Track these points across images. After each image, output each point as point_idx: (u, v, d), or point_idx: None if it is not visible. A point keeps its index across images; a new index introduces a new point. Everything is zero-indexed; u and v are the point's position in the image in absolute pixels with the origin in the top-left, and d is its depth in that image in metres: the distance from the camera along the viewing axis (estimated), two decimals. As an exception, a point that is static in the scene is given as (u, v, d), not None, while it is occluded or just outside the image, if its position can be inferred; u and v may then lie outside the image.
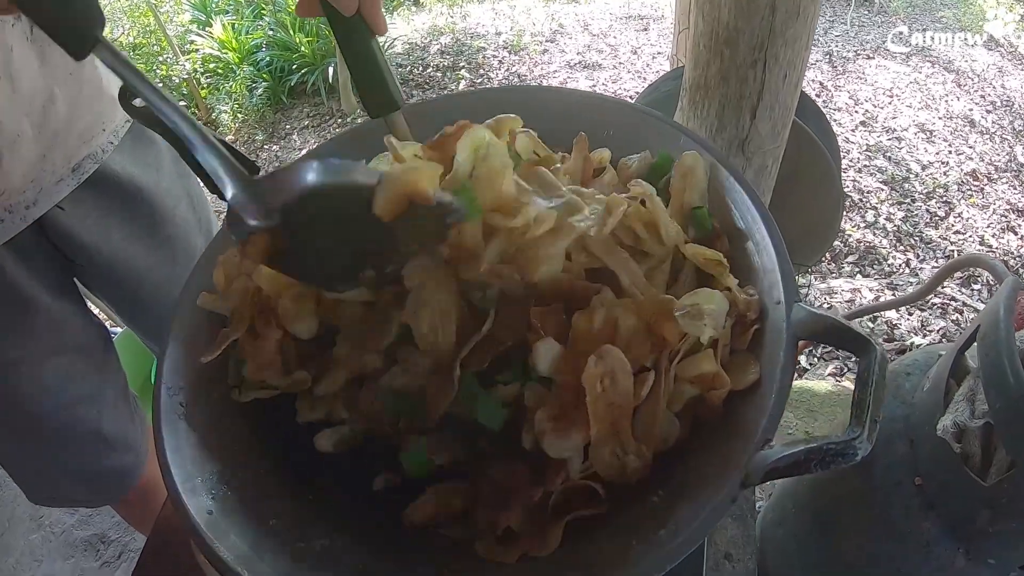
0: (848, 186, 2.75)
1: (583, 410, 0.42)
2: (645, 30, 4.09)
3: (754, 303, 0.47)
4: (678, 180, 0.54)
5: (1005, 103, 3.23)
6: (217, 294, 0.55)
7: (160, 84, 3.56)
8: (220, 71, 3.80)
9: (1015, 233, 2.55)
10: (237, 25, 3.84)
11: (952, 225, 2.60)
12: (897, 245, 2.52)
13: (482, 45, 4.14)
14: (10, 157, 0.64)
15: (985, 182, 2.79)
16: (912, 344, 2.03)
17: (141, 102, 0.62)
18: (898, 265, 2.44)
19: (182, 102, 3.68)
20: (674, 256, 0.51)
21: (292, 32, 3.71)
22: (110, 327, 1.05)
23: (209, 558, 0.42)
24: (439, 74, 3.94)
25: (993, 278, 0.77)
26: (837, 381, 1.88)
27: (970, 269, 2.15)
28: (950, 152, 2.94)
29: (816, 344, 1.95)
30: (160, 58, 3.81)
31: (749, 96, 0.83)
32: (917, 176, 2.83)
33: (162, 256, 0.85)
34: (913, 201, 2.72)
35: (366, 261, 0.45)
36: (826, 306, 2.21)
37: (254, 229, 0.42)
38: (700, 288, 0.48)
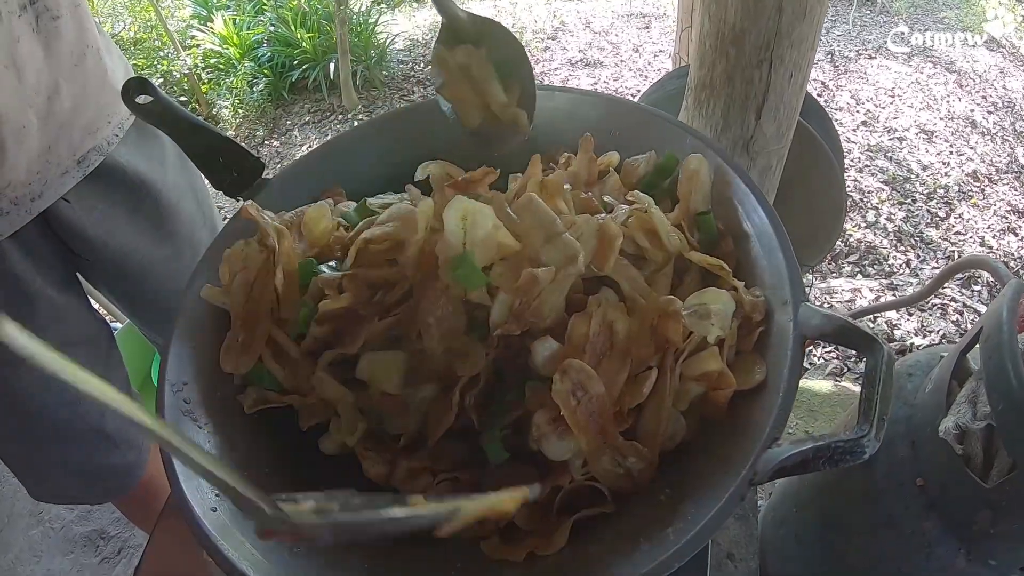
0: (849, 186, 2.75)
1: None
2: (647, 28, 4.08)
3: (759, 304, 0.47)
4: (684, 183, 0.54)
5: (1006, 104, 3.22)
6: (220, 288, 0.55)
7: (161, 80, 3.55)
8: (221, 66, 3.79)
9: (1015, 234, 2.55)
10: (238, 20, 3.83)
11: (952, 226, 2.59)
12: (897, 245, 2.52)
13: (484, 42, 4.12)
14: (15, 149, 0.64)
15: (986, 183, 2.78)
16: (912, 345, 2.03)
17: (145, 99, 0.62)
18: (898, 265, 2.44)
19: (183, 98, 3.67)
20: (677, 258, 0.52)
21: (293, 28, 3.70)
22: (110, 323, 1.05)
23: (213, 556, 0.41)
24: (440, 71, 3.92)
25: (994, 280, 0.77)
26: (837, 381, 1.87)
27: (971, 270, 2.15)
28: (951, 153, 2.94)
29: (816, 344, 1.95)
30: (161, 53, 3.80)
31: (754, 96, 0.82)
32: (918, 176, 2.83)
33: (167, 250, 0.85)
34: (914, 201, 2.71)
35: None
36: (826, 306, 2.21)
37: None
38: (707, 288, 0.48)
